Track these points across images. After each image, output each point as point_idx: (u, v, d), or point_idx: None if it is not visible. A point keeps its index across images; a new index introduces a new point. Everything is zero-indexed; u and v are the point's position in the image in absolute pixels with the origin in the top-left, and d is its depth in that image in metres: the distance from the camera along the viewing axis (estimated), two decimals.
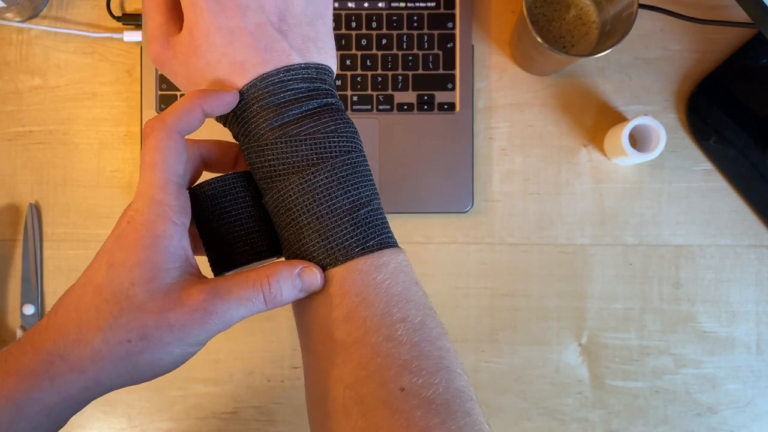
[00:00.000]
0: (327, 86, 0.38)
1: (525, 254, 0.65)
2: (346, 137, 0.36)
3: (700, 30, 0.65)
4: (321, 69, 0.37)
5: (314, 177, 0.35)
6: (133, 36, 0.64)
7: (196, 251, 0.38)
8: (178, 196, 0.34)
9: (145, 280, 0.32)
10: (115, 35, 0.64)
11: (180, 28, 0.37)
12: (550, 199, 0.65)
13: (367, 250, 0.35)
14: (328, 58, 0.38)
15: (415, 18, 0.63)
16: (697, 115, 0.64)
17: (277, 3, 0.36)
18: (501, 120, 0.65)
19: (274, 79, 0.35)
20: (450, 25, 0.63)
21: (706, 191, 0.65)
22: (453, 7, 0.63)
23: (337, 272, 0.35)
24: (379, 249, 0.35)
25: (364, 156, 0.38)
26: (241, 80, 0.36)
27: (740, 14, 0.60)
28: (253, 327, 0.64)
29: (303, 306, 0.36)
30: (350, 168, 0.36)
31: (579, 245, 0.65)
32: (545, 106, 0.65)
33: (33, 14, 0.65)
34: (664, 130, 0.59)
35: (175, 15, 0.37)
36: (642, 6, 0.61)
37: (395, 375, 0.33)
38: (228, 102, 0.35)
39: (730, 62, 0.64)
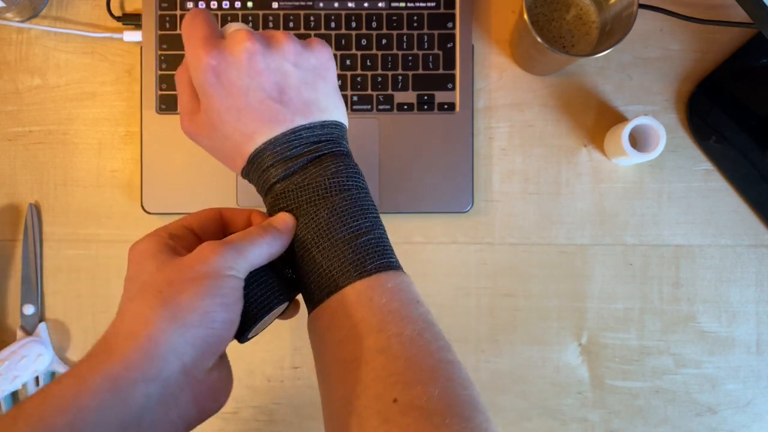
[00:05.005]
0: (334, 137, 0.42)
1: (525, 254, 0.65)
2: (347, 177, 0.41)
3: (700, 30, 0.65)
4: (327, 125, 0.41)
5: (317, 214, 0.39)
6: (133, 36, 0.64)
7: None
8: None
9: (159, 263, 0.36)
10: (115, 35, 0.64)
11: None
12: (550, 199, 0.65)
13: (365, 273, 0.38)
14: (333, 113, 0.42)
15: (415, 18, 0.63)
16: (697, 115, 0.64)
17: (275, 80, 0.40)
18: (501, 120, 0.65)
19: (281, 140, 0.40)
20: (450, 25, 0.63)
21: (706, 191, 0.65)
22: (453, 7, 0.63)
23: (337, 297, 0.38)
24: (377, 272, 0.38)
25: (366, 192, 0.42)
26: (252, 146, 0.40)
27: (740, 14, 0.60)
28: None
29: (312, 330, 0.39)
30: (349, 203, 0.40)
31: (579, 245, 0.65)
32: (545, 106, 0.65)
33: (33, 14, 0.65)
34: (664, 130, 0.59)
35: (197, 95, 0.42)
36: (642, 6, 0.61)
37: (388, 387, 0.34)
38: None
39: (730, 62, 0.64)
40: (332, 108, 0.42)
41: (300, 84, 0.41)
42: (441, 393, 0.34)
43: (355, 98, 0.63)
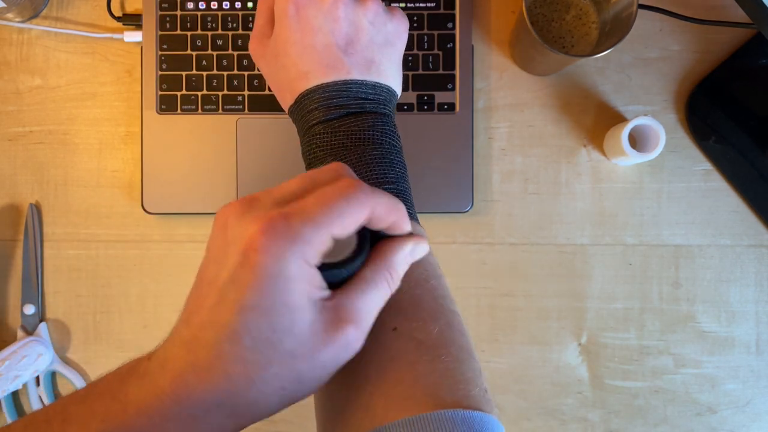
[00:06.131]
0: (381, 99, 0.44)
1: (525, 254, 0.65)
2: (381, 132, 0.42)
3: (700, 30, 0.65)
4: (378, 87, 0.43)
5: (345, 158, 0.41)
6: (133, 36, 0.64)
7: None
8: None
9: (286, 327, 0.29)
10: (116, 35, 0.64)
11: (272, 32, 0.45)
12: (550, 199, 0.65)
13: None
14: (389, 79, 0.44)
15: (415, 18, 0.63)
16: (697, 115, 0.64)
17: (347, 31, 0.43)
18: (501, 120, 0.65)
19: (332, 87, 0.42)
20: (450, 25, 0.63)
21: (705, 191, 0.65)
22: (453, 7, 0.63)
23: None
24: None
25: (398, 150, 0.43)
26: (304, 85, 0.43)
27: (740, 14, 0.60)
28: None
29: None
30: (379, 154, 0.41)
31: (579, 245, 0.65)
32: (545, 106, 0.65)
33: (33, 14, 0.65)
34: (664, 130, 0.59)
35: (273, 21, 0.45)
36: (642, 6, 0.61)
37: (389, 317, 0.34)
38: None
39: (729, 62, 0.64)
40: (390, 74, 0.44)
41: (369, 42, 0.43)
42: (440, 332, 0.34)
43: None
